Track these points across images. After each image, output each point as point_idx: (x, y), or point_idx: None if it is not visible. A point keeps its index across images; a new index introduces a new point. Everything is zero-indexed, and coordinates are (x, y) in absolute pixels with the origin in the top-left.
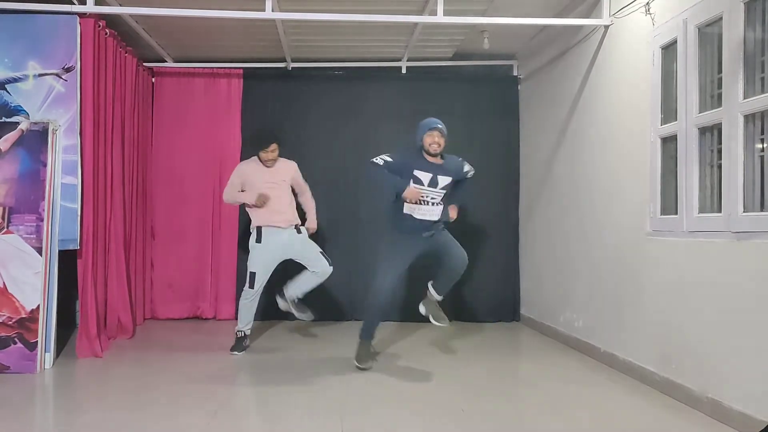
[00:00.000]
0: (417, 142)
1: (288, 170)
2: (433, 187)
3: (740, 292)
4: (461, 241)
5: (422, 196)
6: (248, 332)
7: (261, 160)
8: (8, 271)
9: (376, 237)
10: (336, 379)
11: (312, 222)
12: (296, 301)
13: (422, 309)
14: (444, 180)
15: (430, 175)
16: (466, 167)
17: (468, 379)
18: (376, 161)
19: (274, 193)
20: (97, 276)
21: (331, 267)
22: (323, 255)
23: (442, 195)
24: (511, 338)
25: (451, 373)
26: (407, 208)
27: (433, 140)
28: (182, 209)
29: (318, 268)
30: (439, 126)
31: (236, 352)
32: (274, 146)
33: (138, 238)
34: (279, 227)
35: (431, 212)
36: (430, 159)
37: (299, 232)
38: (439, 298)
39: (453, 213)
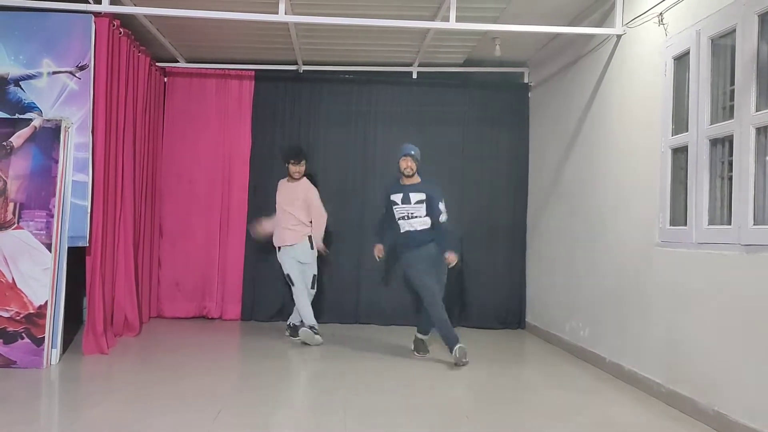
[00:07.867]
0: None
1: (303, 191)
2: (406, 204)
3: (749, 305)
4: (468, 247)
5: (403, 214)
6: (317, 326)
7: (289, 173)
8: (17, 266)
9: None
10: (339, 381)
11: (317, 243)
12: (293, 325)
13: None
14: (416, 196)
15: (401, 194)
16: (442, 204)
17: (472, 386)
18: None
19: (288, 209)
20: (105, 273)
21: (313, 290)
22: (314, 278)
23: (420, 209)
24: (516, 346)
25: (455, 380)
26: (402, 227)
27: (406, 164)
28: (191, 208)
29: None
30: (412, 153)
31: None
32: (302, 162)
33: (146, 237)
34: (287, 245)
35: (415, 224)
36: (404, 181)
37: (312, 247)
38: (423, 337)
39: (451, 257)
